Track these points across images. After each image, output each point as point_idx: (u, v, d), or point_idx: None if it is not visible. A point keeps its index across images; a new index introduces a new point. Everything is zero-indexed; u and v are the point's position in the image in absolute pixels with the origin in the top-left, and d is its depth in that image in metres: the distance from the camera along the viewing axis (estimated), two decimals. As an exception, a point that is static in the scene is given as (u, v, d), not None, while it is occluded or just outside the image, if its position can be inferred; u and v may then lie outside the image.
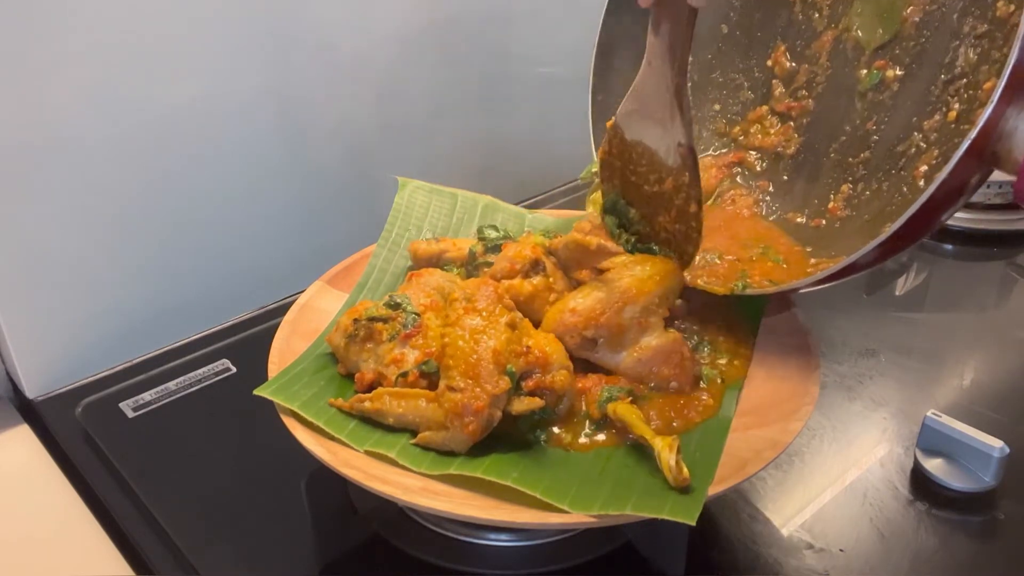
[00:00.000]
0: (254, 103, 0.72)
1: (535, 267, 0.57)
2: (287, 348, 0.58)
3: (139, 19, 0.63)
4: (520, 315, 0.54)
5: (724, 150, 0.69)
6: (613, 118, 0.58)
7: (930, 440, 0.58)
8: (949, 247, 0.88)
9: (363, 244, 0.68)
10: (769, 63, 0.67)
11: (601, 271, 0.57)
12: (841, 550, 0.53)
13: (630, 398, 0.52)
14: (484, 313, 0.52)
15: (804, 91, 0.64)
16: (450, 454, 0.50)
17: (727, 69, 0.70)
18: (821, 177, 0.63)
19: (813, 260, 0.59)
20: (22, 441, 0.63)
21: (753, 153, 0.67)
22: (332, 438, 0.50)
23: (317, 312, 0.62)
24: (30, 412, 0.66)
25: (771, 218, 0.64)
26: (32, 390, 0.67)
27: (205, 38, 0.67)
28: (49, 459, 0.61)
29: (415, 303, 0.57)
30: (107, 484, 0.58)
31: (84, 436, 0.63)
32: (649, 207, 0.58)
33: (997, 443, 0.56)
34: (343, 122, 0.78)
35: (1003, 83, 0.43)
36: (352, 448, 0.50)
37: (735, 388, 0.55)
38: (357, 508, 0.56)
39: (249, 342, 0.72)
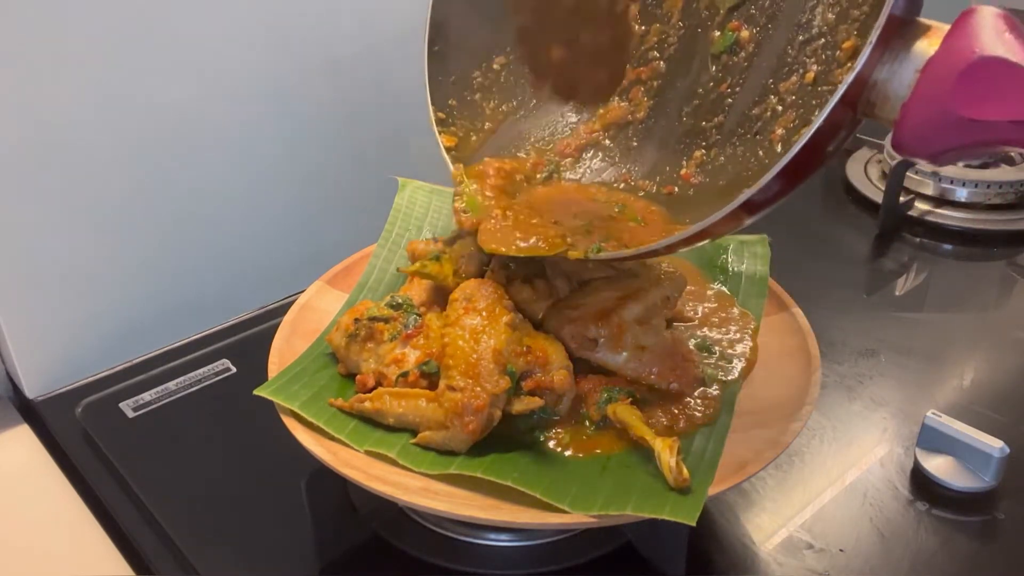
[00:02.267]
0: (254, 103, 0.72)
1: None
2: (287, 348, 0.58)
3: (139, 19, 0.63)
4: (520, 315, 0.54)
5: (567, 132, 0.63)
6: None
7: (930, 440, 0.58)
8: (949, 247, 0.88)
9: (363, 244, 0.68)
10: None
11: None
12: (841, 550, 0.53)
13: (630, 399, 0.52)
14: (484, 313, 0.52)
15: (655, 52, 0.60)
16: (450, 454, 0.50)
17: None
18: (672, 143, 0.59)
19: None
20: (22, 441, 0.63)
21: (600, 132, 0.62)
22: (332, 438, 0.50)
23: (317, 312, 0.62)
24: (30, 412, 0.66)
25: (619, 186, 0.60)
26: (32, 390, 0.67)
27: (205, 38, 0.67)
28: (49, 459, 0.61)
29: (416, 303, 0.57)
30: (107, 484, 0.58)
31: (84, 436, 0.63)
32: (570, 26, 0.54)
33: (997, 443, 0.56)
34: (344, 122, 0.78)
35: (882, 23, 0.41)
36: (352, 448, 0.50)
37: (735, 388, 0.55)
38: (357, 508, 0.56)
39: (249, 342, 0.72)
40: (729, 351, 0.58)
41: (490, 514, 0.46)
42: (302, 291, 0.64)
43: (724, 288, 0.64)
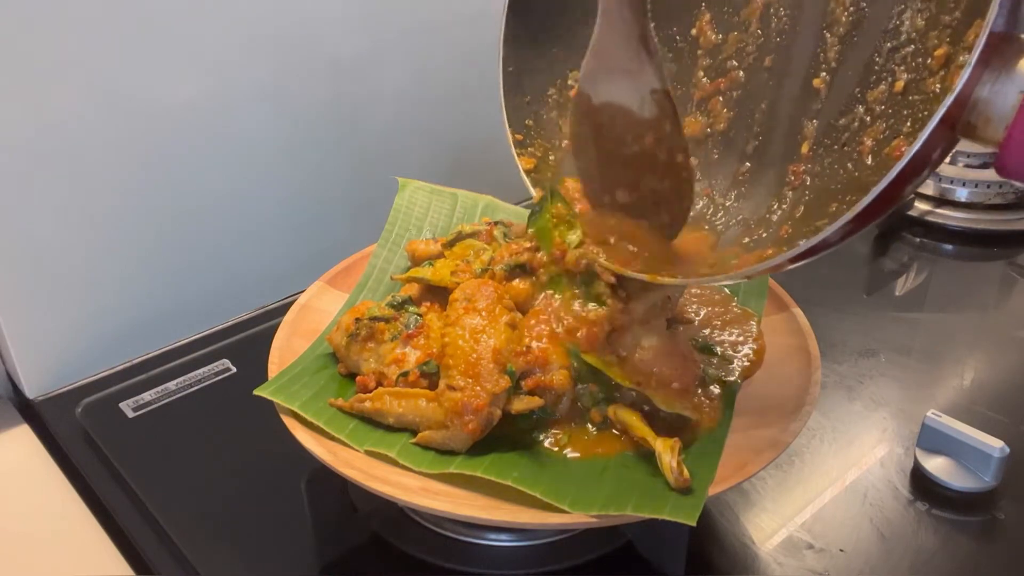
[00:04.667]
0: (254, 103, 0.72)
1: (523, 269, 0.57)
2: (287, 348, 0.58)
3: (139, 19, 0.63)
4: (520, 315, 0.54)
5: None
6: (575, 86, 0.53)
7: (930, 440, 0.58)
8: (949, 247, 0.88)
9: (363, 244, 0.68)
10: (694, 32, 0.60)
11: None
12: (841, 550, 0.53)
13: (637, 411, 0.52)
14: (484, 313, 0.52)
15: (733, 61, 0.58)
16: (450, 453, 0.50)
17: None
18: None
19: (746, 240, 0.54)
20: (22, 441, 0.63)
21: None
22: (332, 438, 0.50)
23: (317, 312, 0.62)
24: (30, 412, 0.66)
25: (699, 204, 0.58)
26: (32, 390, 0.67)
27: (205, 38, 0.67)
28: (49, 459, 0.61)
29: (417, 303, 0.57)
30: (107, 484, 0.58)
31: (84, 436, 0.63)
32: (631, 172, 0.54)
33: (997, 443, 0.56)
34: (344, 122, 0.78)
35: (982, 43, 0.39)
36: (352, 448, 0.50)
37: (735, 388, 0.55)
38: (357, 508, 0.56)
39: (249, 342, 0.72)
40: (730, 351, 0.58)
41: (490, 514, 0.46)
42: (302, 291, 0.64)
43: (725, 288, 0.64)
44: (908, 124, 0.44)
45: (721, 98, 0.58)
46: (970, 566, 0.52)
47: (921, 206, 0.92)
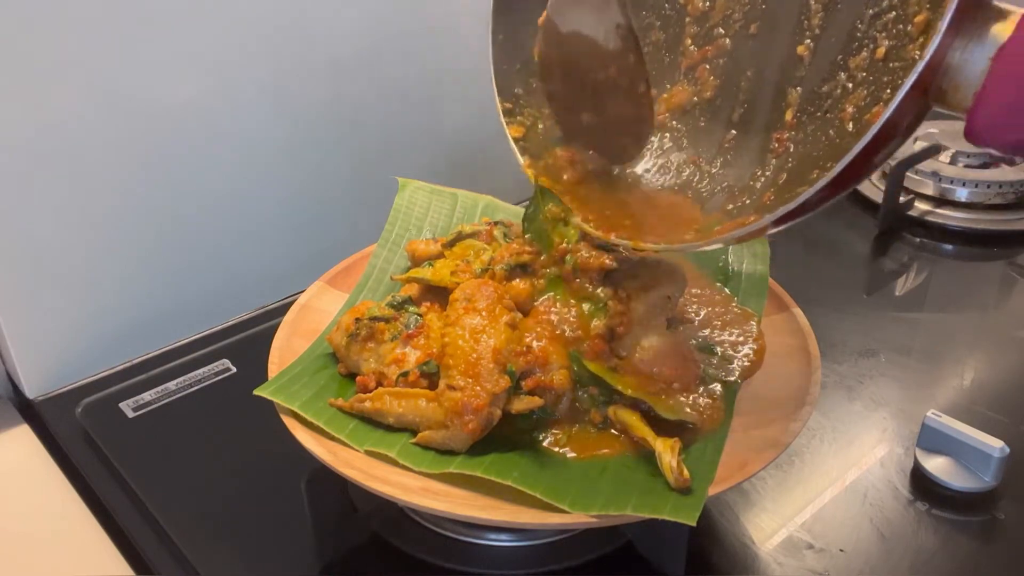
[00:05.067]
0: (254, 103, 0.72)
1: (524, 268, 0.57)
2: (287, 348, 0.58)
3: (139, 19, 0.63)
4: (520, 315, 0.54)
5: None
6: (544, 12, 0.54)
7: (930, 440, 0.58)
8: (949, 247, 0.88)
9: (363, 244, 0.68)
10: (681, 1, 0.61)
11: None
12: (841, 550, 0.53)
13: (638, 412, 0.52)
14: (484, 313, 0.52)
15: (720, 29, 0.58)
16: (450, 453, 0.50)
17: (636, 6, 0.63)
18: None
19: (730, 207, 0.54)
20: (22, 441, 0.63)
21: (667, 115, 0.61)
22: (332, 438, 0.50)
23: (317, 312, 0.62)
24: (30, 412, 0.66)
25: (687, 169, 0.59)
26: (32, 390, 0.67)
27: (205, 38, 0.67)
28: (49, 459, 0.61)
29: (417, 303, 0.57)
30: (107, 484, 0.58)
31: (84, 436, 0.63)
32: (596, 97, 0.55)
33: (997, 443, 0.56)
34: (344, 122, 0.78)
35: (952, 9, 0.40)
36: (352, 448, 0.50)
37: (735, 388, 0.55)
38: (357, 508, 0.56)
39: (249, 342, 0.72)
40: (730, 351, 0.58)
41: (490, 514, 0.46)
42: (302, 291, 0.64)
43: (725, 288, 0.64)
44: (888, 91, 0.44)
45: (708, 66, 0.59)
46: (970, 566, 0.52)
47: (921, 206, 0.92)
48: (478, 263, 0.59)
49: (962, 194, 0.91)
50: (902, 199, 0.90)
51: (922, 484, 0.57)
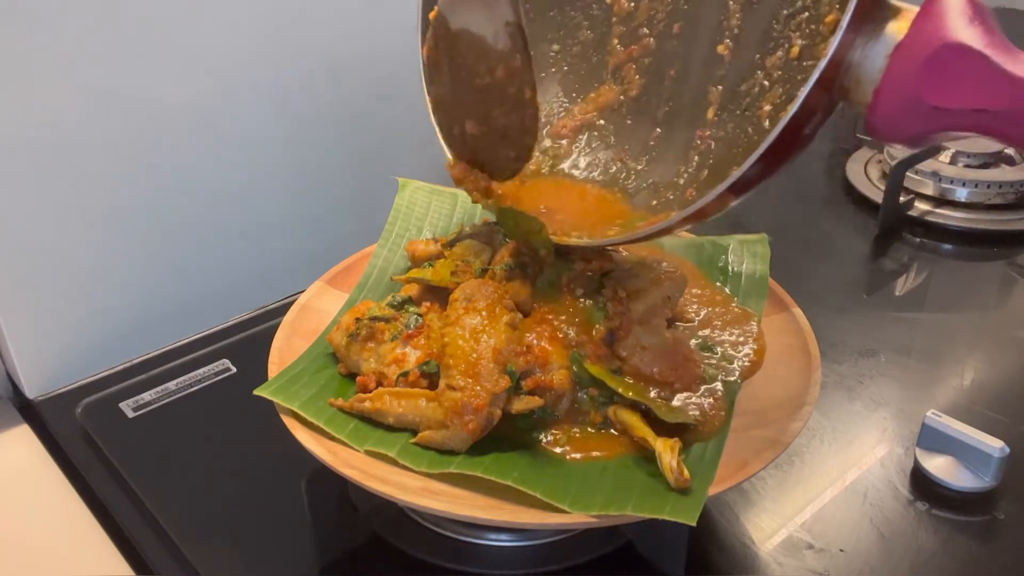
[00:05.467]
0: (254, 103, 0.72)
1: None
2: (287, 348, 0.58)
3: (139, 19, 0.63)
4: (520, 315, 0.54)
5: (562, 114, 0.63)
6: (435, 8, 0.53)
7: (930, 440, 0.58)
8: (949, 247, 0.88)
9: (363, 244, 0.68)
10: (608, 0, 0.62)
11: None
12: (841, 550, 0.53)
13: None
14: (484, 313, 0.52)
15: (645, 29, 0.59)
16: (450, 453, 0.50)
17: (564, 6, 0.64)
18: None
19: (654, 203, 0.56)
20: (22, 441, 0.63)
21: (594, 114, 0.62)
22: (332, 438, 0.50)
23: (317, 312, 0.62)
24: (30, 412, 0.66)
25: (615, 166, 0.60)
26: (32, 390, 0.67)
27: (205, 38, 0.67)
28: (49, 459, 0.61)
29: (417, 303, 0.57)
30: (107, 484, 0.58)
31: (84, 436, 0.63)
32: (481, 104, 0.54)
33: (997, 443, 0.56)
34: (344, 122, 0.78)
35: (851, 8, 0.41)
36: (352, 448, 0.50)
37: (735, 388, 0.55)
38: (357, 508, 0.56)
39: (249, 342, 0.72)
40: (730, 351, 0.58)
41: (490, 514, 0.46)
42: (302, 291, 0.64)
43: (725, 288, 0.64)
44: (796, 96, 0.45)
45: (634, 65, 0.60)
46: (970, 566, 0.52)
47: (921, 206, 0.92)
48: (478, 263, 0.59)
49: (962, 194, 0.91)
50: (902, 199, 0.90)
51: (922, 484, 0.57)
